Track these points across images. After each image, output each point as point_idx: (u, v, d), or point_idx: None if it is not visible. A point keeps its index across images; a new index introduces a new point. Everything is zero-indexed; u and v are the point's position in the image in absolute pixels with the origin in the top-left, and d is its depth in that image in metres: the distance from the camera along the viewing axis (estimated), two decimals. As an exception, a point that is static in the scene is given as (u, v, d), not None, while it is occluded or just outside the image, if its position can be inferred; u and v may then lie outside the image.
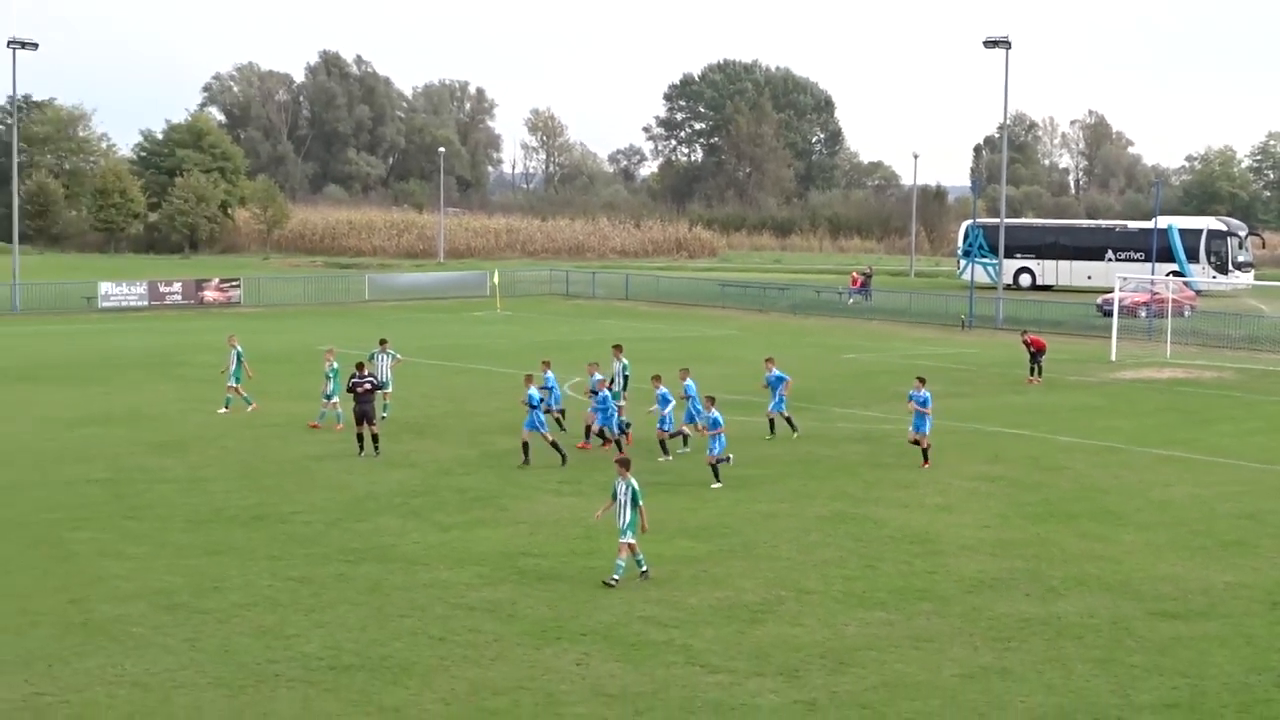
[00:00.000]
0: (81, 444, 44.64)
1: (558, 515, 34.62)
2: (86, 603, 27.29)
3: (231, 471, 39.87)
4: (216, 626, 25.94)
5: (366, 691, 22.59)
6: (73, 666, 23.65)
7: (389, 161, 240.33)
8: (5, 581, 28.76)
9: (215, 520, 34.25)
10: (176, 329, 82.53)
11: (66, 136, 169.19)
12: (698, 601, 27.76)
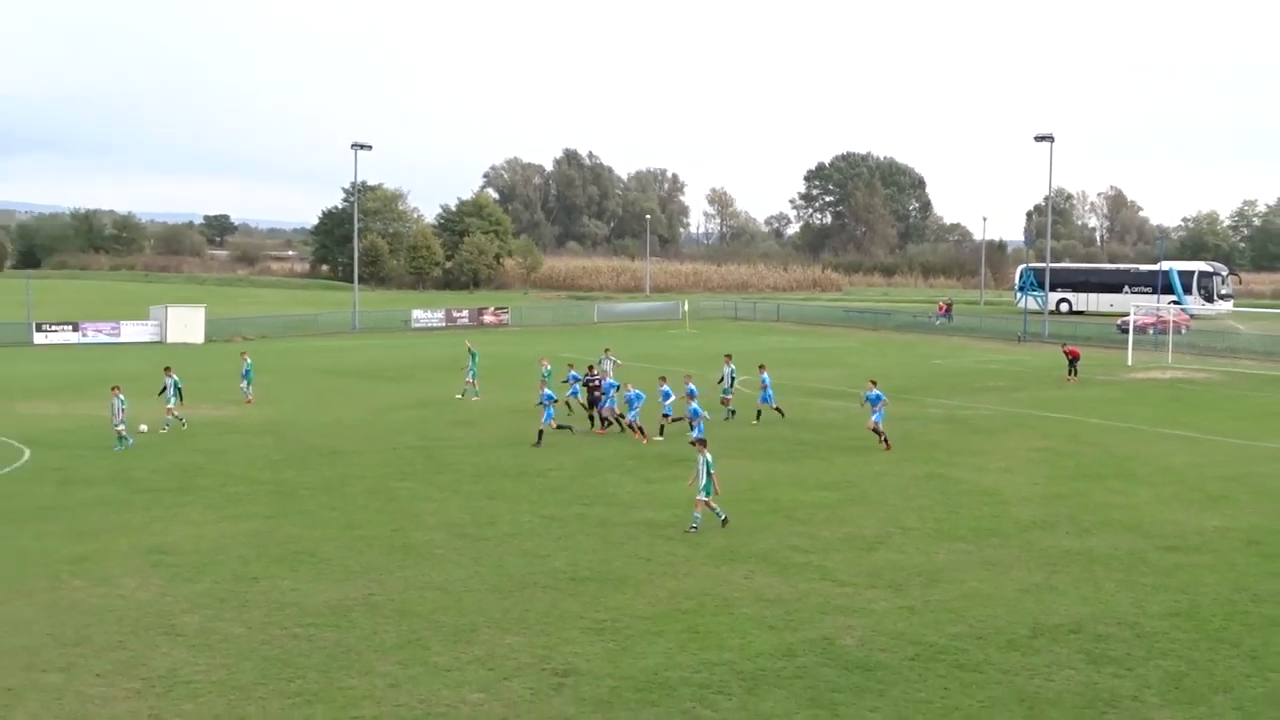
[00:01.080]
0: (401, 421, 45.56)
1: (727, 474, 34.75)
2: (404, 531, 27.99)
3: (503, 440, 40.55)
4: (493, 549, 26.50)
5: (597, 596, 23.01)
6: (395, 575, 24.34)
7: (611, 225, 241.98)
8: (350, 517, 29.54)
9: (492, 474, 34.88)
10: (462, 342, 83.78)
11: (390, 209, 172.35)
12: (829, 535, 27.91)
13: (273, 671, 18.89)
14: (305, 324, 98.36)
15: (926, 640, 20.55)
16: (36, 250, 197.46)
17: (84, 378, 58.97)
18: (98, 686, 18.28)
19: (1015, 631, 21.02)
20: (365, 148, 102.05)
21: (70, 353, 76.01)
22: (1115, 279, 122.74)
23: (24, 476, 34.37)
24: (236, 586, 23.45)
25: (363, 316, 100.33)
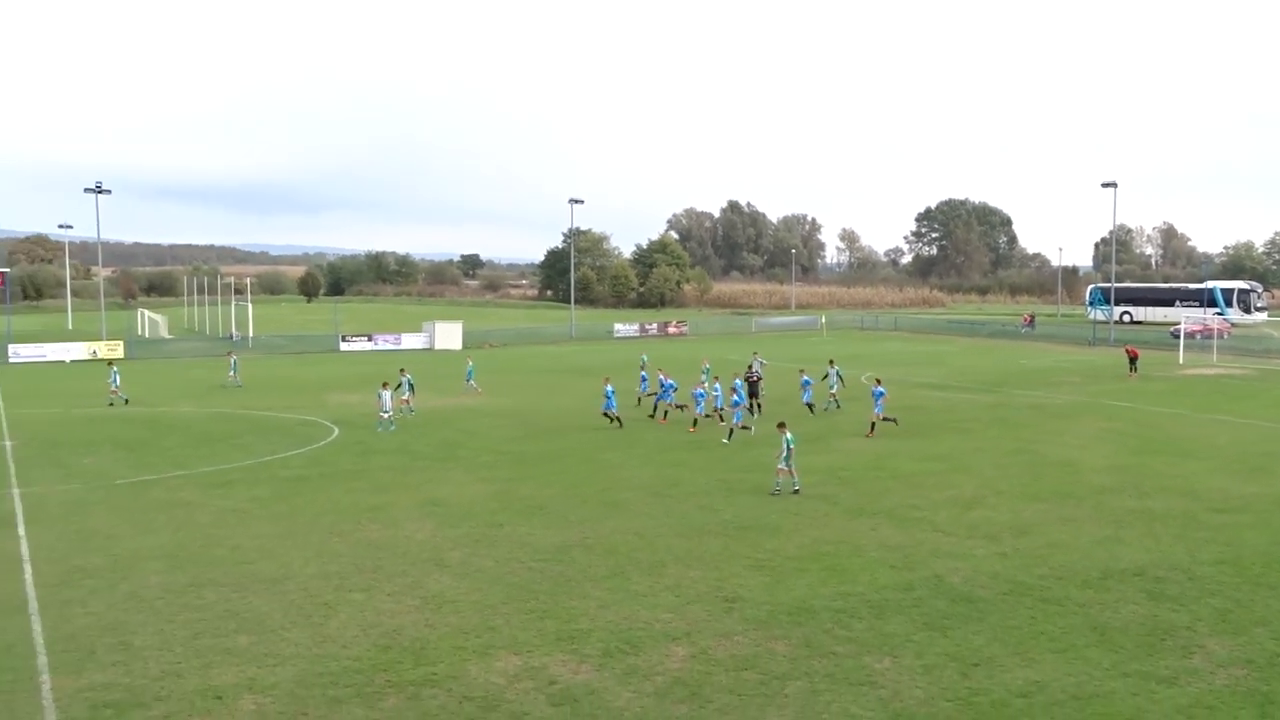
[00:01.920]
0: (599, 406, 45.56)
1: (860, 449, 34.47)
2: (610, 491, 28.26)
3: (682, 424, 40.55)
4: (677, 504, 26.61)
5: (757, 540, 22.96)
6: (603, 524, 24.61)
7: (764, 257, 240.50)
8: (570, 480, 29.93)
9: (674, 449, 35.03)
10: (651, 348, 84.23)
11: (597, 248, 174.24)
12: (937, 496, 27.36)
13: (514, 594, 19.28)
14: (534, 334, 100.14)
15: (1017, 579, 20.06)
16: (341, 282, 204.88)
17: (376, 375, 60.77)
18: (388, 602, 18.88)
19: (1089, 574, 20.38)
20: (579, 202, 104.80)
21: (366, 356, 78.52)
22: (1168, 295, 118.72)
23: (335, 448, 35.60)
24: (487, 531, 23.98)
25: (577, 329, 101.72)
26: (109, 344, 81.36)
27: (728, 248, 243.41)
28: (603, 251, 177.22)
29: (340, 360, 75.64)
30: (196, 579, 20.27)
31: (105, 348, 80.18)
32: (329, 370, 66.24)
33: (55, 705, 14.48)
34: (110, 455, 34.42)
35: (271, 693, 14.89)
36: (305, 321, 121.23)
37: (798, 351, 76.34)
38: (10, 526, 24.55)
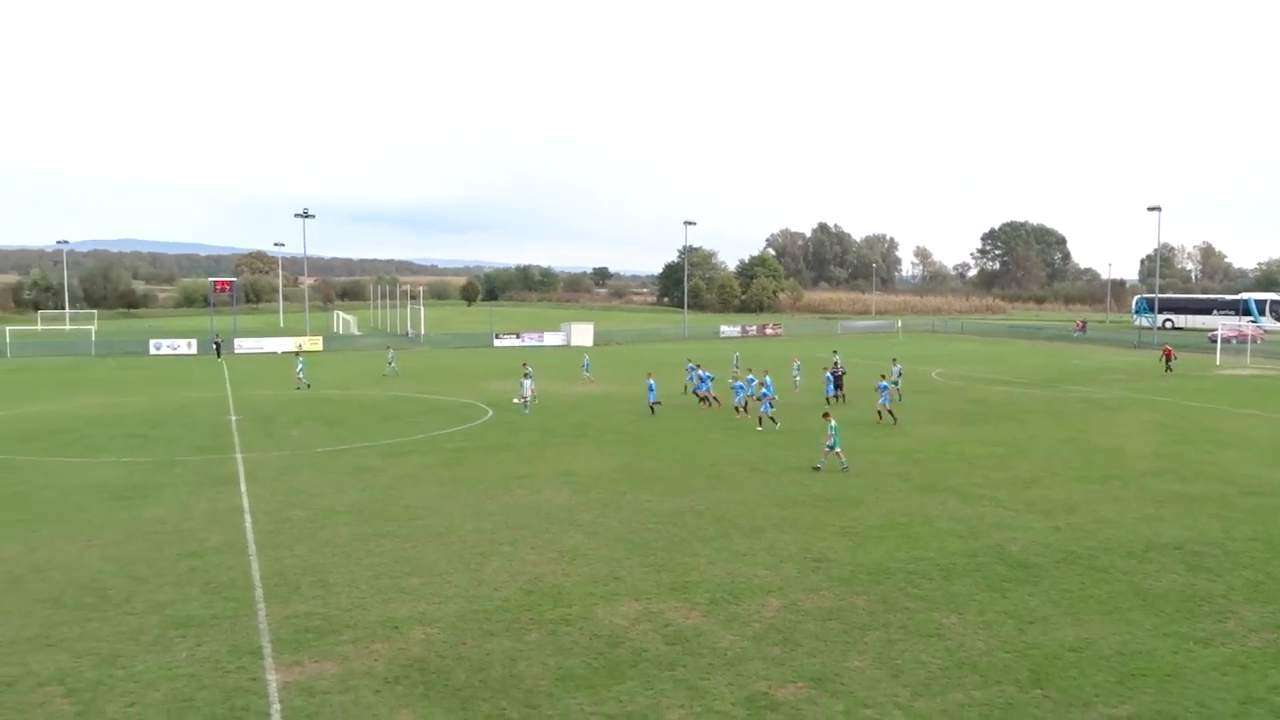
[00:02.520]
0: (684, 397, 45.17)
1: (931, 435, 33.62)
2: (716, 466, 28.10)
3: (778, 412, 40.10)
4: (773, 479, 26.31)
5: (841, 511, 22.58)
6: (711, 494, 24.48)
7: (848, 270, 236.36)
8: (682, 455, 29.80)
9: (771, 432, 34.58)
10: (752, 346, 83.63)
11: (706, 263, 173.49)
12: (998, 476, 26.51)
13: (635, 551, 19.29)
14: (653, 334, 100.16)
15: (1068, 549, 19.31)
16: (495, 289, 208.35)
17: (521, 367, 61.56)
18: (532, 554, 19.07)
19: (1133, 546, 19.51)
20: (692, 223, 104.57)
21: (514, 351, 79.61)
22: (1206, 305, 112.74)
23: (488, 426, 36.13)
24: (613, 497, 24.05)
25: (689, 329, 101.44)
26: (311, 339, 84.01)
27: (817, 262, 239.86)
28: (711, 265, 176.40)
29: (494, 354, 76.77)
30: (378, 530, 20.76)
31: (308, 342, 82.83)
32: (485, 362, 67.28)
33: (269, 628, 14.98)
34: (312, 429, 35.51)
35: (437, 625, 15.16)
36: (466, 322, 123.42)
37: (875, 350, 74.91)
38: (234, 485, 25.52)
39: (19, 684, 13.06)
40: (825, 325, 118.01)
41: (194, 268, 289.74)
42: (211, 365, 65.60)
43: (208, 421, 37.32)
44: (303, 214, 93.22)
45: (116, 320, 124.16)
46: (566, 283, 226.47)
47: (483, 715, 12.07)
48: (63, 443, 32.43)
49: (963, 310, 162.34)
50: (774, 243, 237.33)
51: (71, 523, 21.55)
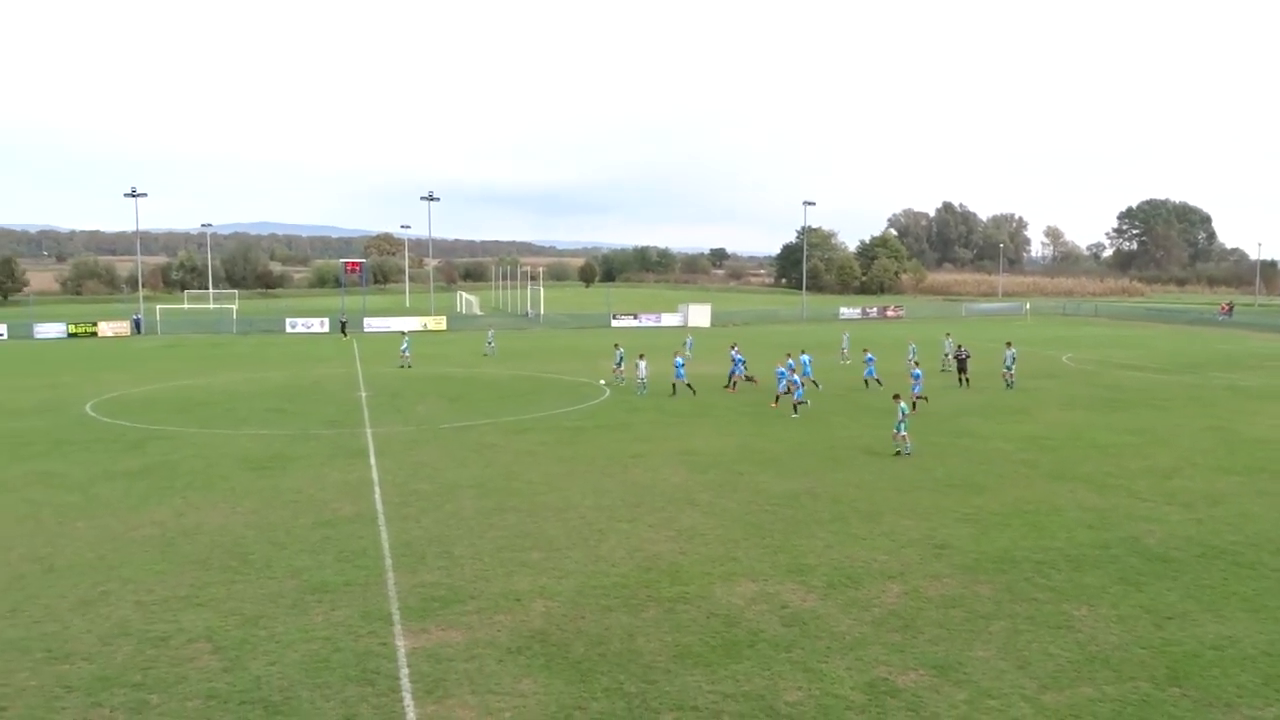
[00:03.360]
0: (833, 378, 44.39)
1: (1061, 421, 32.47)
2: (834, 449, 27.69)
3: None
4: (892, 463, 25.82)
5: (964, 497, 22.04)
6: (828, 476, 24.17)
7: (974, 251, 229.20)
8: (799, 438, 29.47)
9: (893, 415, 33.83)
10: (871, 328, 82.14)
11: (826, 244, 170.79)
12: (1134, 466, 25.42)
13: (751, 532, 19.24)
14: (770, 315, 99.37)
15: (1210, 544, 18.39)
16: (613, 270, 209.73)
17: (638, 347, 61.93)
18: (649, 532, 19.21)
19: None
20: (811, 204, 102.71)
21: (631, 331, 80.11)
22: None
23: (606, 405, 36.50)
24: (730, 477, 24.01)
25: (807, 311, 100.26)
26: (435, 318, 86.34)
27: (941, 243, 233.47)
28: (831, 246, 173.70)
29: (612, 334, 77.38)
30: (500, 505, 21.25)
31: (432, 322, 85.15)
32: (603, 342, 67.89)
33: (398, 596, 15.54)
34: (436, 405, 36.54)
35: (557, 598, 15.45)
36: (584, 302, 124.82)
37: (1000, 334, 72.66)
38: (365, 458, 26.49)
39: (172, 639, 13.89)
40: (949, 307, 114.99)
41: (326, 249, 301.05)
42: (341, 343, 68.11)
43: (339, 397, 38.79)
44: (428, 197, 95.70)
45: (255, 299, 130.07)
46: (684, 264, 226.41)
47: (601, 688, 12.26)
48: (208, 415, 34.23)
49: (1096, 293, 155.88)
50: (896, 223, 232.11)
51: (217, 490, 22.75)
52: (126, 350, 63.94)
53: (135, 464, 25.87)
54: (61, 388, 42.83)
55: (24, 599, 15.56)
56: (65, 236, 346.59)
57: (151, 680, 12.54)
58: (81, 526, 19.78)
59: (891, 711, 11.70)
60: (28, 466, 25.76)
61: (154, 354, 60.51)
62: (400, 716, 11.47)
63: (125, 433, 30.76)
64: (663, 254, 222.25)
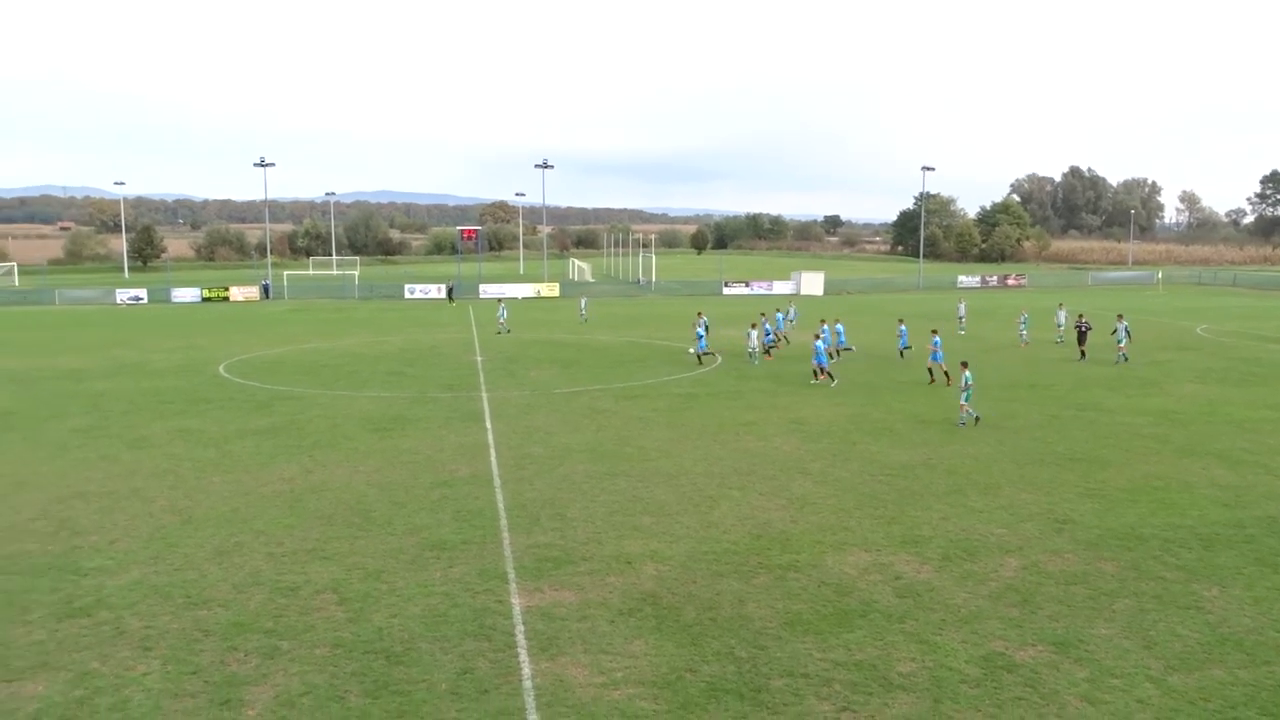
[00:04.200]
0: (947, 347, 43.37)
1: (1193, 395, 30.95)
2: (950, 419, 27.03)
3: (1018, 364, 38.04)
4: (1011, 435, 25.07)
5: (1087, 471, 21.30)
6: (944, 448, 23.59)
7: (1102, 218, 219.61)
8: (914, 408, 28.92)
9: (1012, 386, 32.90)
10: (991, 297, 79.63)
11: (944, 210, 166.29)
12: (1274, 442, 24.13)
13: (865, 502, 19.02)
14: (885, 284, 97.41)
15: (1358, 526, 17.34)
16: (724, 237, 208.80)
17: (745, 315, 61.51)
18: (760, 500, 19.19)
19: None
20: (930, 169, 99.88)
21: (740, 300, 79.68)
22: None
23: (717, 373, 36.46)
24: (842, 447, 23.75)
25: (924, 279, 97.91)
26: (548, 285, 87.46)
27: (1067, 209, 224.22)
28: (949, 212, 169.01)
29: (723, 302, 77.08)
30: (611, 469, 21.51)
31: (545, 288, 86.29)
32: (713, 310, 67.69)
33: (512, 556, 15.93)
34: (550, 371, 37.11)
35: (668, 563, 15.59)
36: (695, 270, 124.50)
37: (1127, 304, 69.57)
38: (480, 421, 27.13)
39: (301, 589, 14.58)
40: (1074, 276, 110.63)
41: (443, 217, 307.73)
42: (457, 308, 69.66)
43: (455, 361, 39.75)
44: (542, 165, 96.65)
45: (375, 266, 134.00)
46: (796, 231, 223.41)
47: (712, 652, 12.36)
48: (332, 377, 35.55)
49: (1236, 261, 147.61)
50: (1019, 188, 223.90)
51: (340, 450, 23.66)
52: (256, 314, 66.80)
53: (265, 423, 27.09)
54: (196, 349, 45.06)
55: (165, 548, 16.53)
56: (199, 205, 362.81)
57: (282, 628, 13.19)
58: (217, 481, 20.86)
59: (1008, 686, 11.47)
60: (168, 423, 27.26)
61: (281, 318, 63.07)
62: (515, 672, 11.80)
63: (255, 393, 32.22)
64: (775, 221, 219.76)
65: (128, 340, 50.25)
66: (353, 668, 11.98)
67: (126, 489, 20.31)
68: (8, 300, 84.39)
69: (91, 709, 11.04)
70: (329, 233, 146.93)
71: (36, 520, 18.19)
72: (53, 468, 22.30)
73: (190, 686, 11.55)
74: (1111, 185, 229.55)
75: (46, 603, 14.17)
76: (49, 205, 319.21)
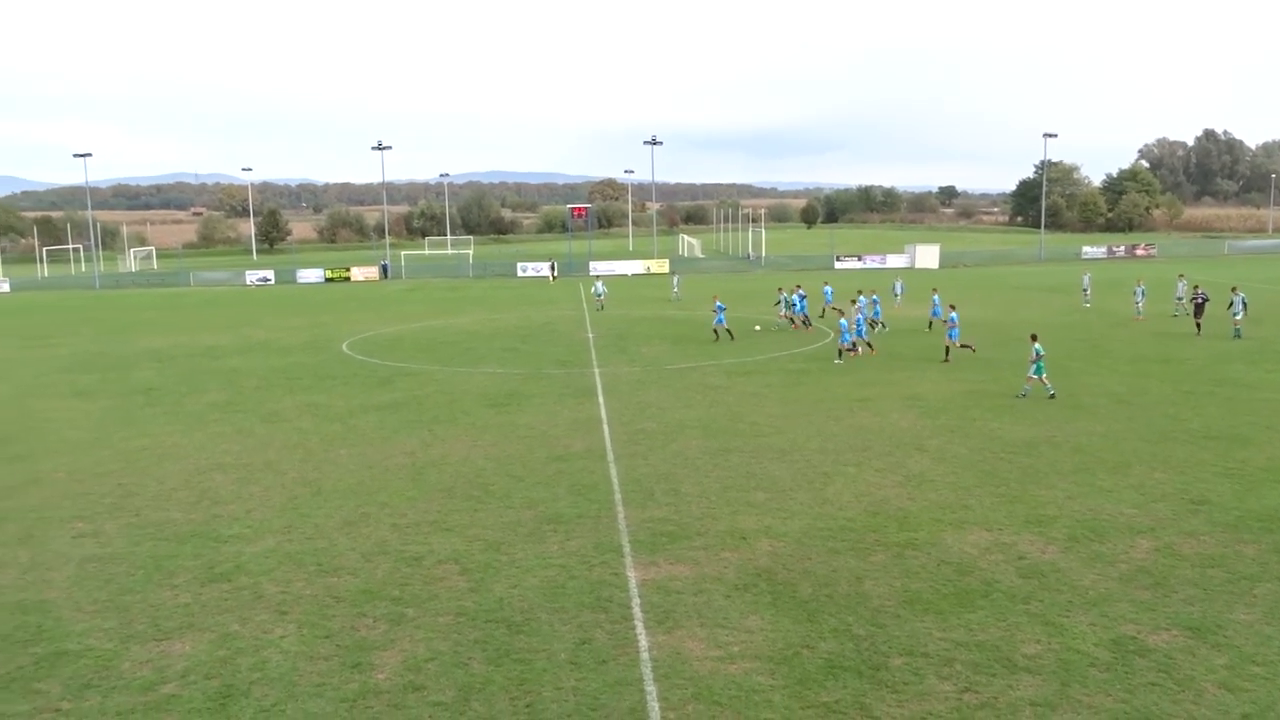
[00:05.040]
0: (1072, 321, 42.05)
1: (1342, 369, 29.00)
2: (1076, 395, 26.11)
3: (1150, 337, 36.40)
4: (1142, 411, 24.05)
5: (1225, 450, 20.29)
6: (1069, 425, 22.77)
7: (1239, 183, 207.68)
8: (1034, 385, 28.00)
9: (1142, 360, 31.51)
10: (1115, 268, 76.33)
11: (1067, 178, 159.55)
12: None
13: (985, 480, 18.54)
14: (1004, 256, 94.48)
15: None
16: (835, 211, 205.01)
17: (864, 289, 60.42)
18: (876, 477, 18.88)
19: None
20: (1052, 135, 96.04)
21: (856, 274, 78.30)
22: None
23: (830, 348, 35.86)
24: (961, 423, 23.19)
25: (1046, 251, 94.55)
26: (658, 262, 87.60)
27: (1200, 175, 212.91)
28: (1073, 180, 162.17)
29: (834, 277, 75.93)
30: (724, 445, 21.49)
31: (655, 265, 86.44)
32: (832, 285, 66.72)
33: (627, 530, 16.10)
34: (661, 347, 37.22)
35: (783, 539, 15.52)
36: (806, 244, 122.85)
37: (1270, 273, 65.76)
38: (593, 396, 27.43)
39: (424, 559, 15.04)
40: (1208, 245, 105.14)
41: (553, 195, 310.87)
42: (568, 286, 70.38)
43: (568, 338, 40.25)
44: (651, 141, 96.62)
45: (488, 244, 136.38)
46: (910, 203, 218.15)
47: (829, 629, 12.26)
48: (449, 354, 36.44)
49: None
50: (1148, 153, 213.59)
51: (459, 425, 24.25)
52: (375, 293, 68.90)
53: (387, 398, 27.97)
54: (321, 328, 46.77)
55: (297, 518, 17.26)
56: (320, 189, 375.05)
57: (408, 596, 13.65)
58: (343, 454, 21.65)
59: (1140, 671, 11.06)
60: (298, 398, 28.40)
61: (399, 297, 64.90)
62: (632, 644, 11.94)
63: (377, 369, 33.28)
64: (888, 193, 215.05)
65: (257, 319, 52.51)
66: (475, 636, 12.32)
67: (260, 461, 21.26)
68: (148, 282, 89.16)
69: (234, 668, 11.65)
70: (443, 213, 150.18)
71: (180, 490, 19.22)
72: (192, 440, 23.50)
73: (323, 650, 12.06)
74: (1249, 148, 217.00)
75: (190, 568, 14.98)
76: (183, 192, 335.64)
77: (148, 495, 18.90)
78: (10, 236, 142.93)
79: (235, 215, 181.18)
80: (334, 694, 10.97)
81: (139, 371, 34.91)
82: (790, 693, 10.74)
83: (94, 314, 60.22)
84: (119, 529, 16.91)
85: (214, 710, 10.70)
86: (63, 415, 27.17)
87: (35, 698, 11.08)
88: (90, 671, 11.65)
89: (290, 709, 10.67)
